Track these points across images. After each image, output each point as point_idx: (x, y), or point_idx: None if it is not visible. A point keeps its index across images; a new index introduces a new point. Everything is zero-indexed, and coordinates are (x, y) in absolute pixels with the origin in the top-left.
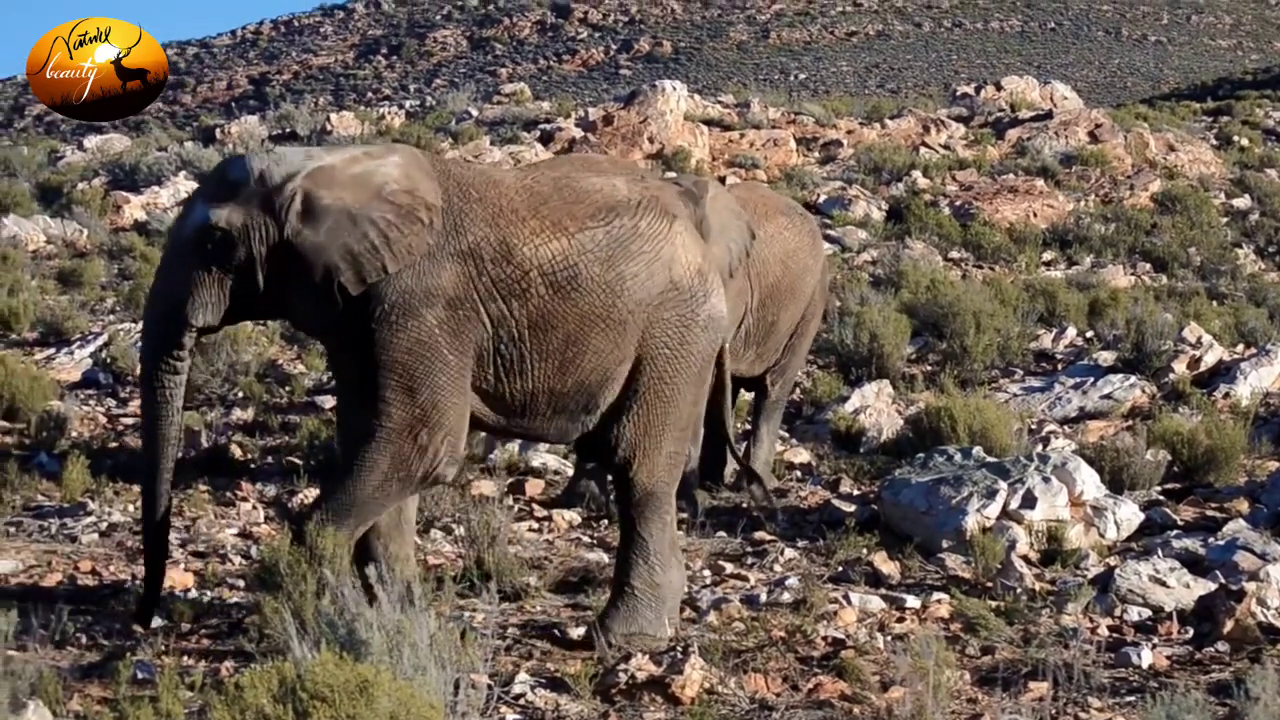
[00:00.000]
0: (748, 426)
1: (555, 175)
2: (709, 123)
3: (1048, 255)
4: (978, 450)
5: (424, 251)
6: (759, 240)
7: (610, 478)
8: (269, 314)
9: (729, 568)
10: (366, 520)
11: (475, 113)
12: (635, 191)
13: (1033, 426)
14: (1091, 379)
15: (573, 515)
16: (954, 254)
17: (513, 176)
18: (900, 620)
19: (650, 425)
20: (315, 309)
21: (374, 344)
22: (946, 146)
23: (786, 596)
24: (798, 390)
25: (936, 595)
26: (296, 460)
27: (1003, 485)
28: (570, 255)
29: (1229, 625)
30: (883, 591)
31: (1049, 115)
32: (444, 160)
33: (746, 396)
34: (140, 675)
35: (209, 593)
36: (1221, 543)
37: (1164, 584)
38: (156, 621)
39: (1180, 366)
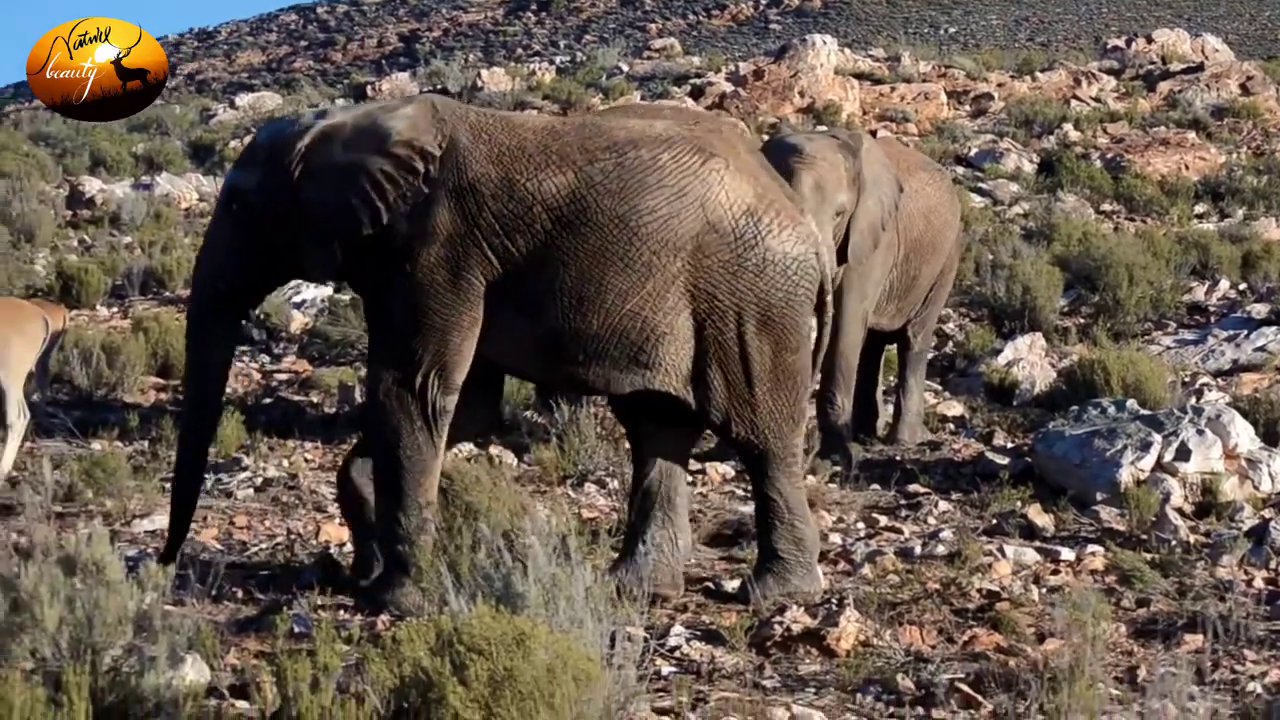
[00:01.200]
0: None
1: (587, 117)
2: (859, 77)
3: (1199, 208)
4: (1131, 403)
5: (421, 198)
6: (905, 195)
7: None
8: (292, 274)
9: (883, 520)
10: (419, 471)
11: (626, 68)
12: (667, 129)
13: (1186, 379)
14: (1245, 332)
15: (726, 468)
16: (1106, 206)
17: (538, 119)
18: (1055, 573)
19: (732, 384)
20: (323, 261)
21: (375, 291)
22: (1097, 99)
23: (941, 549)
24: (950, 343)
25: (1091, 548)
26: None
27: (1157, 438)
28: (577, 188)
29: None
30: (1037, 544)
31: (1200, 68)
32: (465, 107)
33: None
34: (297, 629)
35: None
36: None
37: None
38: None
39: None
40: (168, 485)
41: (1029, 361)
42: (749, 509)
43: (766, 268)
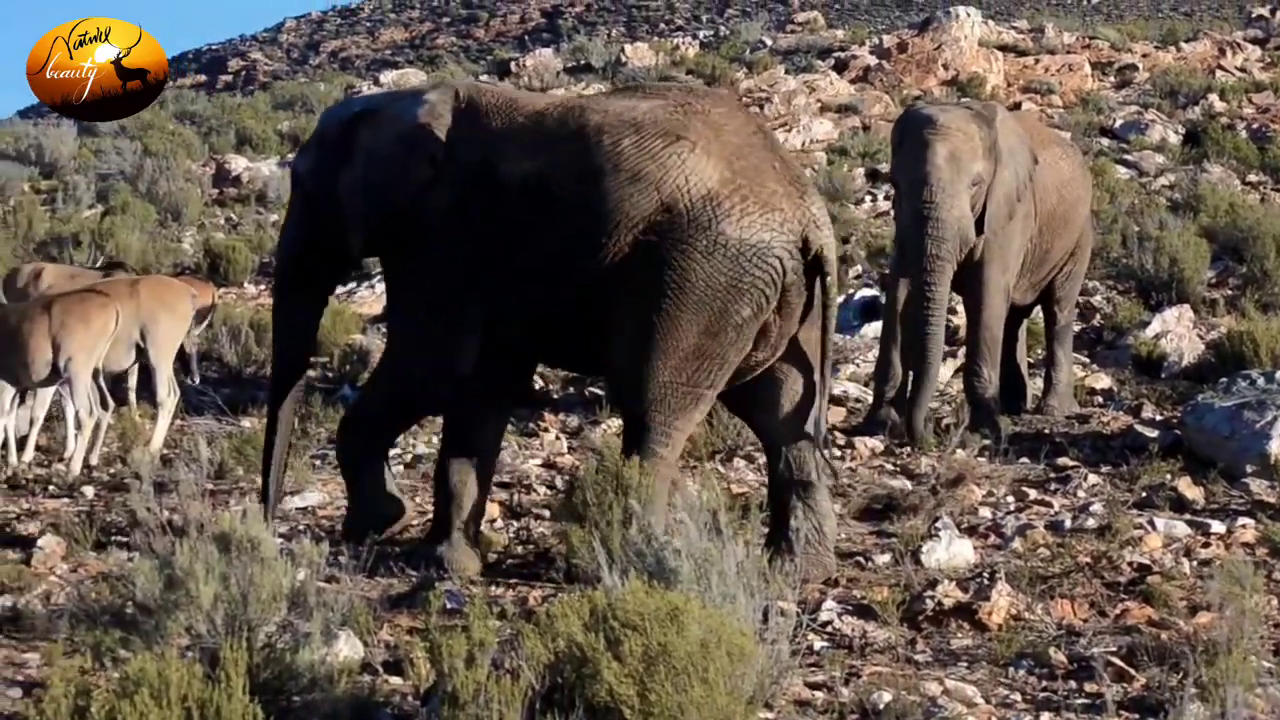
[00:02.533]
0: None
1: (580, 100)
2: (1003, 48)
3: None
4: None
5: (427, 181)
6: (1039, 168)
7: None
8: (341, 257)
9: (1032, 494)
10: (378, 436)
11: (769, 42)
12: (646, 112)
13: None
14: None
15: (875, 443)
16: (1252, 177)
17: (538, 101)
18: (1205, 546)
19: (639, 345)
20: (354, 241)
21: (389, 273)
22: (1243, 69)
23: (1091, 522)
24: (1097, 316)
25: (1242, 520)
26: (598, 390)
27: None
28: (544, 172)
29: None
30: (1187, 517)
31: None
32: (485, 91)
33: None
34: (449, 605)
35: (515, 523)
36: None
37: None
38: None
39: None
40: (317, 462)
41: (1177, 334)
42: (898, 483)
43: (716, 251)
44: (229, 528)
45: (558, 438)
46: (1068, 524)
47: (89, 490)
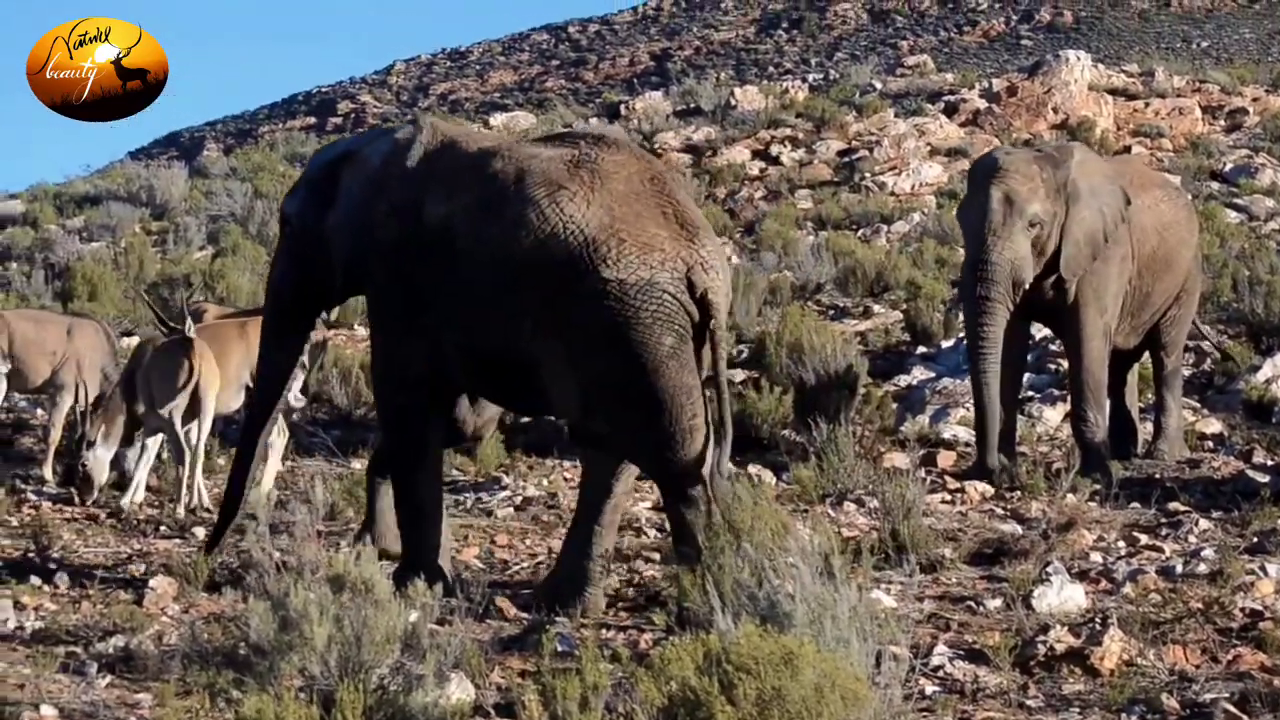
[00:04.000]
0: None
1: (505, 144)
2: (1113, 92)
3: None
4: None
5: (384, 219)
6: (1136, 209)
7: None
8: (327, 294)
9: (1143, 539)
10: (413, 469)
11: (879, 85)
12: (537, 160)
13: None
14: None
15: (985, 487)
16: None
17: (473, 145)
18: None
19: (601, 407)
20: (340, 281)
21: (368, 305)
22: None
23: (1202, 568)
24: (1208, 361)
25: None
26: None
27: None
28: (448, 218)
29: None
30: None
31: None
32: (450, 130)
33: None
34: (560, 648)
35: (625, 565)
36: None
37: None
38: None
39: None
40: None
41: None
42: (1009, 527)
43: (601, 294)
44: (343, 569)
45: None
46: (1179, 569)
47: (200, 531)
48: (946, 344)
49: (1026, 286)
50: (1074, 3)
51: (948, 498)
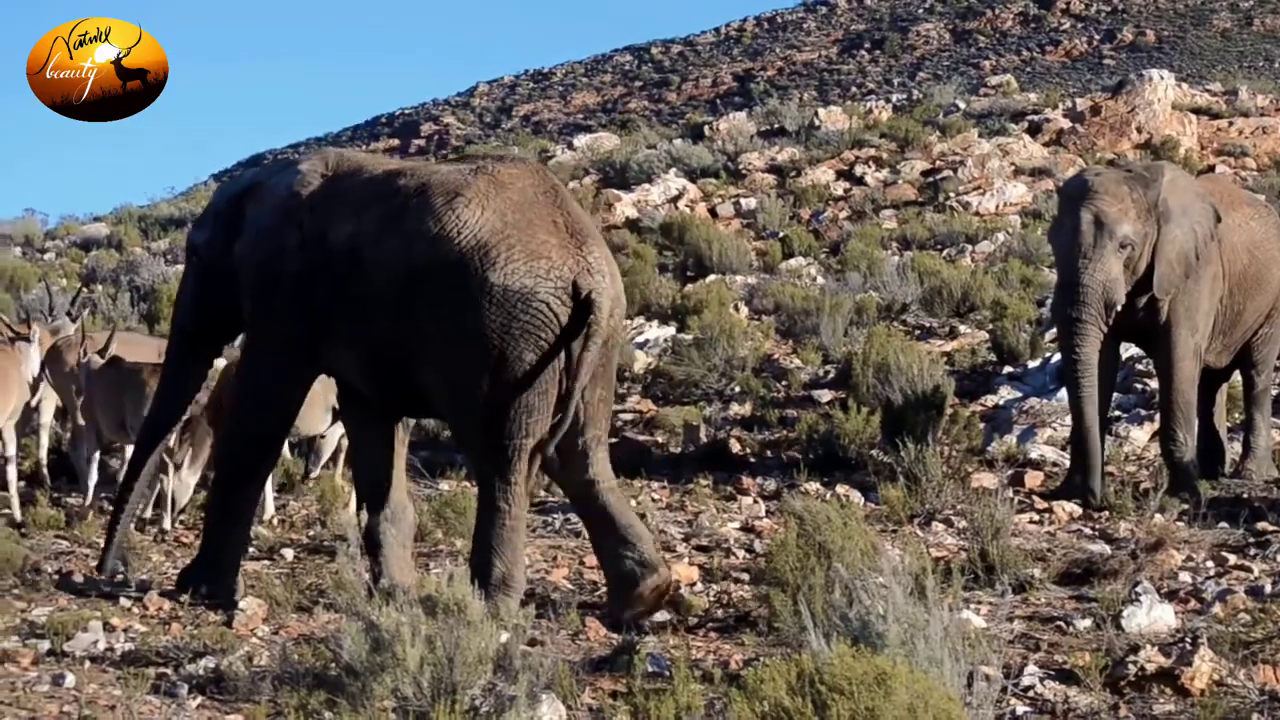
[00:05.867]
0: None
1: (407, 166)
2: (1196, 111)
3: None
4: None
5: (294, 247)
6: (1226, 227)
7: None
8: (232, 322)
9: (1232, 559)
10: (248, 483)
11: (962, 105)
12: (437, 174)
13: None
14: None
15: (1073, 507)
16: None
17: (378, 168)
18: None
19: (459, 408)
20: (247, 309)
21: (249, 327)
22: None
23: None
24: None
25: None
26: (796, 454)
27: None
28: (354, 238)
29: None
30: None
31: None
32: (351, 158)
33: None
34: (651, 668)
35: (714, 586)
36: None
37: None
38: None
39: None
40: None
41: None
42: (1097, 547)
43: (483, 299)
44: (434, 590)
45: (755, 501)
46: (1268, 589)
47: (289, 553)
48: (1033, 364)
49: (1119, 308)
50: (1156, 22)
51: (1035, 518)
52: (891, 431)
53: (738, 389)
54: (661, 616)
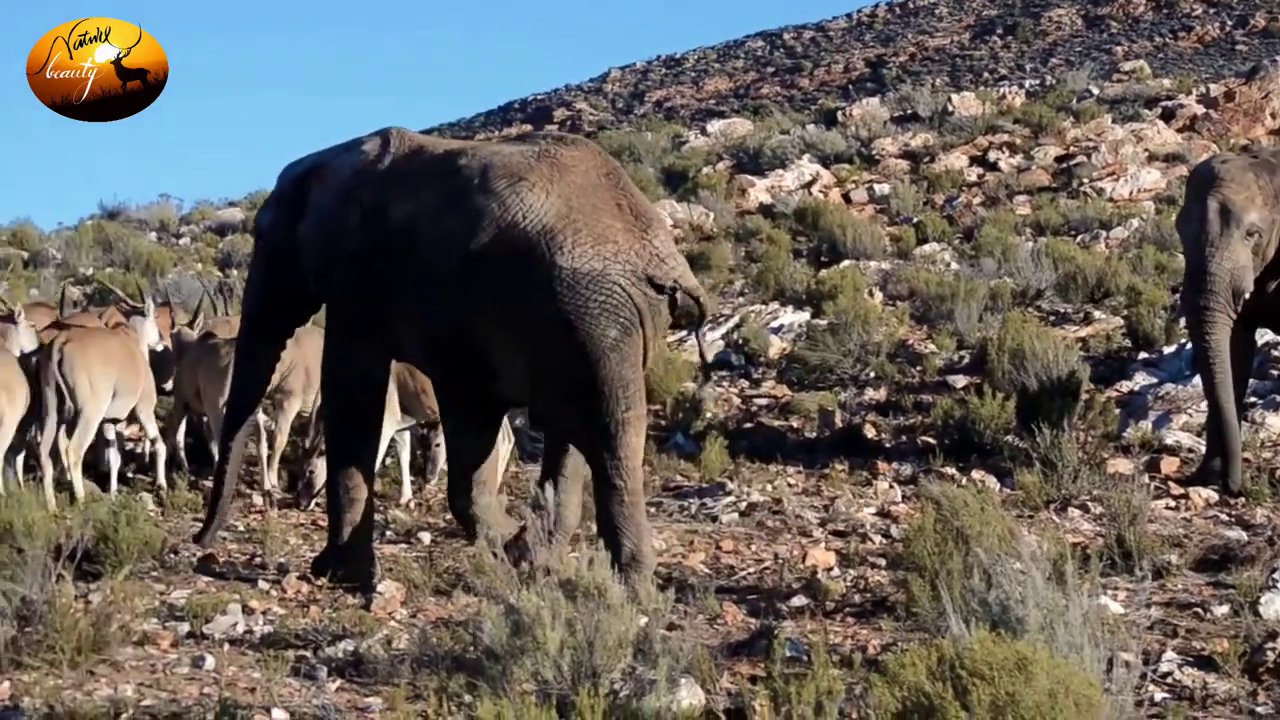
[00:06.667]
0: None
1: (466, 146)
2: None
3: None
4: None
5: (356, 226)
6: None
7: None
8: (301, 303)
9: None
10: (354, 462)
11: (1096, 91)
12: (499, 156)
13: None
14: None
15: (1209, 493)
16: None
17: (438, 148)
18: None
19: (551, 393)
20: (313, 290)
21: (327, 305)
22: None
23: None
24: None
25: None
26: (930, 439)
27: None
28: (413, 214)
29: None
30: None
31: None
32: (411, 138)
33: None
34: (790, 653)
35: (851, 571)
36: None
37: None
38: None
39: None
40: (651, 509)
41: None
42: (1234, 534)
43: (553, 283)
44: (575, 574)
45: (891, 486)
46: None
47: (425, 536)
48: (1168, 350)
49: (1248, 294)
50: None
51: (1172, 504)
52: (1027, 417)
53: (872, 374)
54: (799, 601)
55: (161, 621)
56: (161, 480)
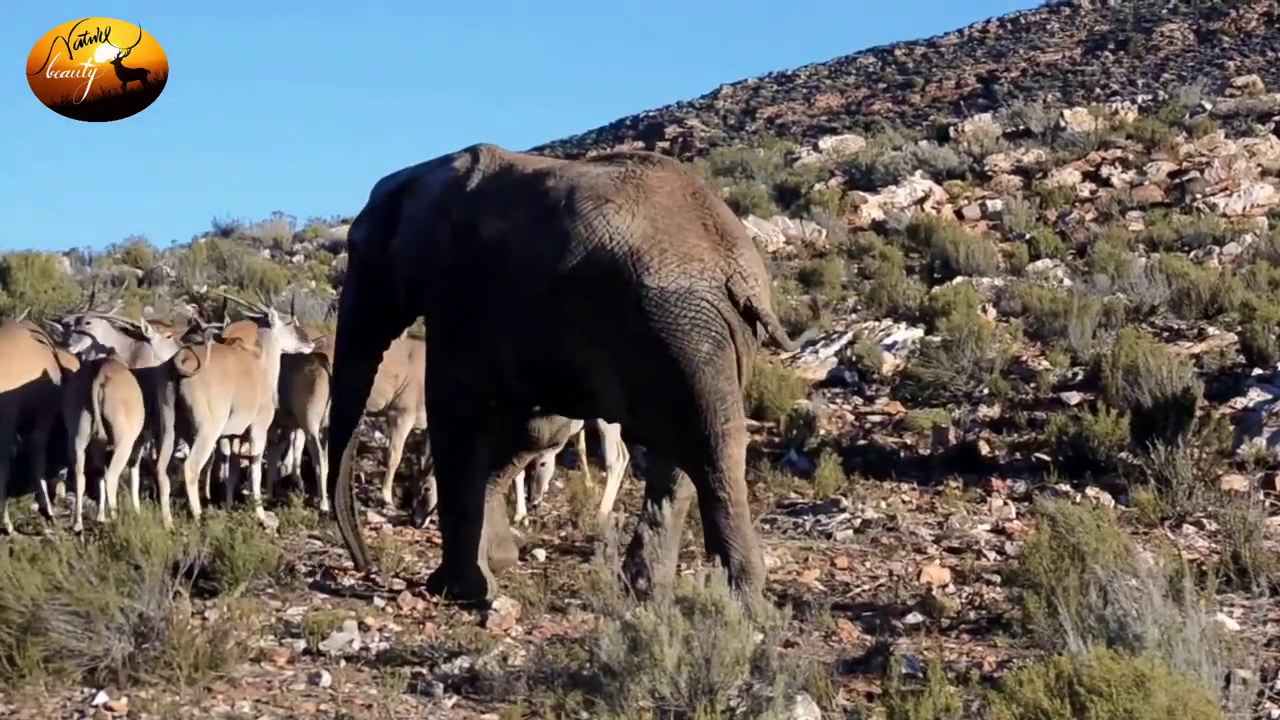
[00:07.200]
0: None
1: (555, 165)
2: None
3: None
4: None
5: (445, 241)
6: None
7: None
8: (395, 316)
9: None
10: (461, 475)
11: (1208, 106)
12: (585, 177)
13: None
14: None
15: None
16: None
17: (527, 166)
18: None
19: (647, 411)
20: (405, 303)
21: (425, 320)
22: None
23: None
24: None
25: None
26: (1044, 456)
27: None
28: (503, 233)
29: None
30: None
31: None
32: (501, 155)
33: None
34: (905, 670)
35: (966, 588)
36: None
37: None
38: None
39: None
40: (766, 526)
41: None
42: None
43: (642, 303)
44: (692, 591)
45: (1005, 503)
46: None
47: (540, 553)
48: None
49: None
50: None
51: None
52: (1141, 434)
53: (986, 391)
54: (914, 618)
55: (278, 638)
56: (257, 495)
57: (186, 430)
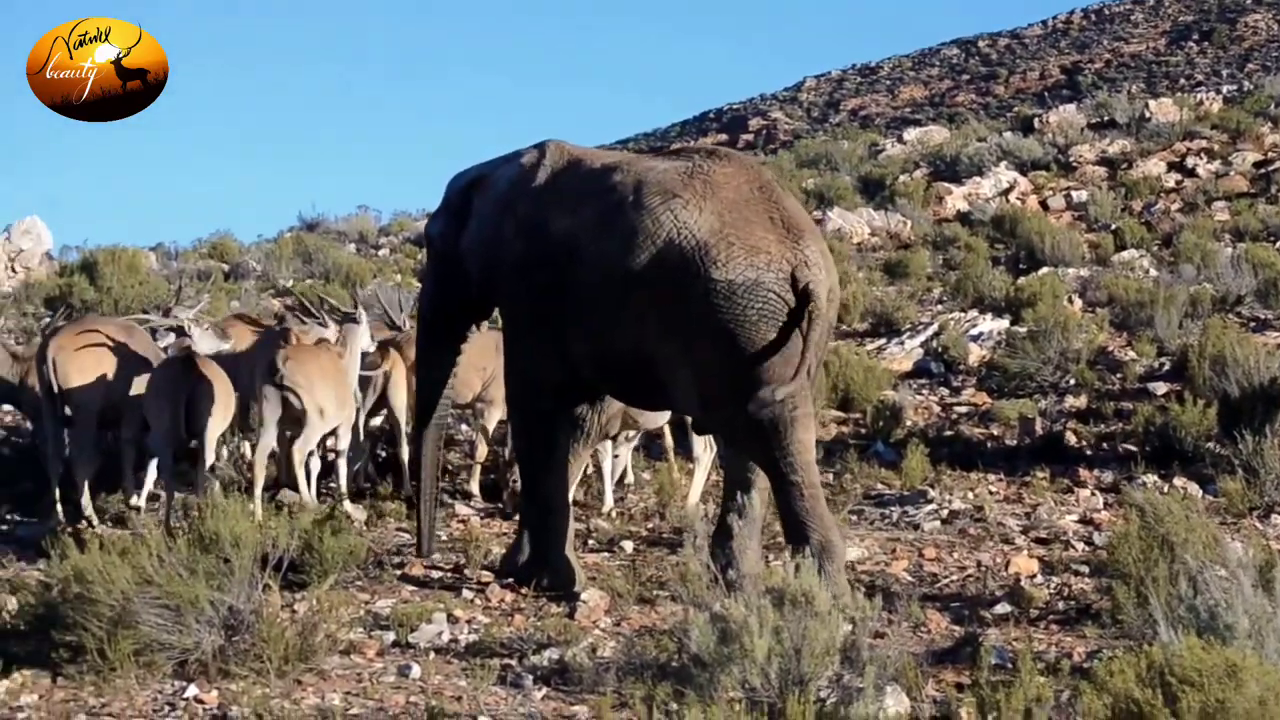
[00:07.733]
0: None
1: (622, 160)
2: None
3: None
4: None
5: (511, 236)
6: None
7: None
8: (472, 308)
9: None
10: (545, 468)
11: None
12: (652, 173)
13: None
14: None
15: None
16: None
17: (595, 162)
18: None
19: (712, 402)
20: (480, 296)
21: (501, 314)
22: None
23: None
24: None
25: None
26: (1132, 446)
27: None
28: (572, 228)
29: None
30: None
31: None
32: (569, 151)
33: None
34: (994, 660)
35: (1054, 578)
36: None
37: None
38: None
39: None
40: (854, 517)
41: None
42: None
43: (710, 295)
44: (782, 582)
45: (1093, 494)
46: None
47: (628, 545)
48: None
49: None
50: None
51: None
52: (1229, 424)
53: (1072, 381)
54: (1003, 608)
55: (367, 630)
56: (344, 488)
57: (296, 425)
